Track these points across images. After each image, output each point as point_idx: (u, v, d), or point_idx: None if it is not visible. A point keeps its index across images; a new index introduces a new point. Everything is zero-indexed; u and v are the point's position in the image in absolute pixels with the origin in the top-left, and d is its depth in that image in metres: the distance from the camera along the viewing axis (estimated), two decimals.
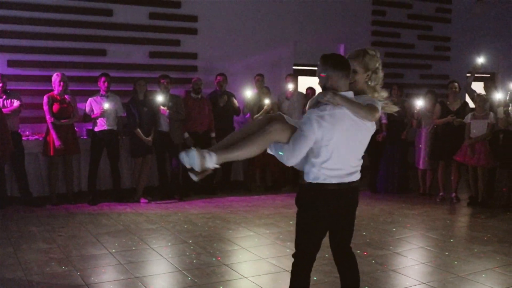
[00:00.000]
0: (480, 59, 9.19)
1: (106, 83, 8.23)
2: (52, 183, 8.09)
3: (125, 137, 8.56)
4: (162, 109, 8.42)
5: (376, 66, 3.60)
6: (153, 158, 8.67)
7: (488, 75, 13.20)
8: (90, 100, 8.27)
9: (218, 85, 9.29)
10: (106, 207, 8.04)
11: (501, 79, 13.40)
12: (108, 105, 8.13)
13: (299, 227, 3.61)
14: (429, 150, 9.01)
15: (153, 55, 9.53)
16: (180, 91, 9.39)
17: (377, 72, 3.61)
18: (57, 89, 7.95)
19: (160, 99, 8.42)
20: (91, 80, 8.68)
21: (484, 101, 8.44)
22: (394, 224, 7.31)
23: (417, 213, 8.00)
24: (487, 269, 5.46)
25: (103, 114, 8.13)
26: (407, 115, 9.22)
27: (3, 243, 6.08)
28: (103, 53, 9.14)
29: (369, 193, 9.36)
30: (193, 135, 8.85)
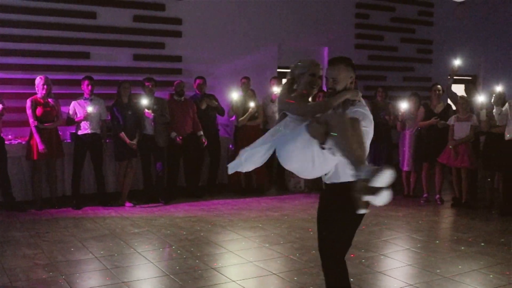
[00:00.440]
0: (457, 61, 9.32)
1: (89, 86, 8.16)
2: (35, 187, 8.00)
3: (109, 140, 8.50)
4: (147, 112, 8.37)
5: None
6: (137, 161, 8.62)
7: (469, 78, 13.34)
8: (73, 103, 8.19)
9: (198, 88, 9.27)
10: (90, 211, 7.97)
11: (482, 81, 13.56)
12: (91, 109, 8.07)
13: (349, 227, 3.78)
14: (413, 152, 9.08)
15: (137, 57, 9.49)
16: (164, 94, 9.33)
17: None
18: (40, 92, 7.86)
19: (145, 102, 8.38)
20: (75, 83, 8.62)
21: (467, 103, 8.53)
22: (379, 226, 7.35)
23: (402, 215, 8.05)
24: (472, 270, 5.51)
25: (87, 117, 8.06)
26: (391, 118, 9.27)
27: None
28: (86, 56, 9.07)
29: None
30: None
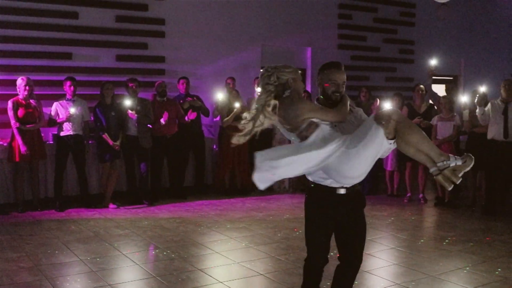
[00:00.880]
0: (433, 61, 9.41)
1: (72, 87, 8.08)
2: (18, 190, 7.89)
3: (92, 142, 8.43)
4: (130, 113, 8.31)
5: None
6: (121, 163, 8.56)
7: (450, 78, 13.49)
8: (55, 104, 8.11)
9: (183, 89, 9.24)
10: (74, 213, 7.89)
11: (464, 82, 13.70)
12: (74, 110, 7.99)
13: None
14: (397, 151, 9.12)
15: (120, 58, 9.42)
16: (148, 95, 9.29)
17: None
18: (22, 93, 7.76)
19: (128, 103, 8.32)
20: (57, 84, 8.52)
21: (450, 103, 8.62)
22: None
23: (386, 214, 8.09)
24: (457, 268, 5.56)
25: (69, 118, 7.98)
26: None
27: None
28: (68, 56, 8.98)
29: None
30: (162, 139, 8.79)
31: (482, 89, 8.16)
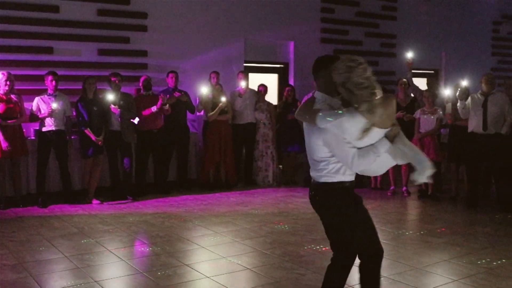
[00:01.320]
0: (409, 54, 9.49)
1: (53, 82, 7.98)
2: None
3: (75, 137, 8.34)
4: (113, 107, 8.24)
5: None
6: (104, 158, 8.48)
7: (431, 72, 13.59)
8: (37, 99, 8.01)
9: (172, 83, 9.17)
10: (57, 209, 7.81)
11: (445, 75, 13.81)
12: (56, 105, 7.90)
13: None
14: None
15: (102, 52, 9.31)
16: (130, 89, 9.22)
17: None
18: (2, 88, 7.65)
19: (110, 97, 8.24)
20: (38, 78, 8.40)
21: (433, 97, 8.69)
22: None
23: (370, 207, 8.05)
24: (443, 260, 5.61)
25: (51, 114, 7.88)
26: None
27: None
28: (50, 50, 8.86)
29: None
30: (148, 133, 8.74)
31: (463, 83, 8.24)
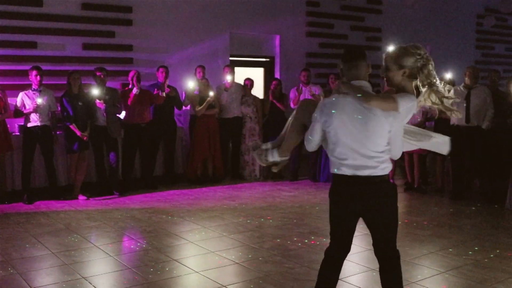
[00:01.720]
0: (390, 48, 9.57)
1: (38, 77, 7.89)
2: None
3: (60, 132, 8.27)
4: (98, 102, 8.17)
5: (416, 64, 3.49)
6: (90, 153, 8.42)
7: None
8: (21, 94, 7.91)
9: (162, 77, 9.12)
10: (43, 205, 7.74)
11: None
12: (41, 100, 7.81)
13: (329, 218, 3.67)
14: None
15: (86, 47, 9.23)
16: (115, 84, 9.16)
17: (422, 70, 3.50)
18: None
19: (96, 92, 8.17)
20: (22, 73, 8.32)
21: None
22: None
23: None
24: (430, 252, 5.65)
25: (37, 109, 7.80)
26: None
27: None
28: (33, 45, 8.77)
29: (309, 182, 9.52)
30: (135, 127, 8.70)
31: (448, 75, 8.30)
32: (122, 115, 8.46)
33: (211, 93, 9.17)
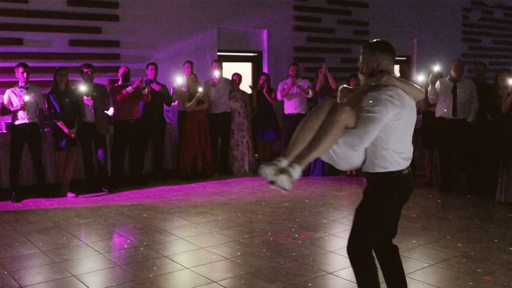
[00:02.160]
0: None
1: (25, 74, 7.82)
2: None
3: (48, 129, 8.22)
4: (86, 99, 8.12)
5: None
6: (78, 150, 8.37)
7: (403, 58, 13.70)
8: (8, 91, 7.84)
9: (151, 74, 9.08)
10: (31, 203, 7.69)
11: (416, 62, 13.95)
12: (28, 97, 7.75)
13: (372, 218, 3.50)
14: None
15: (73, 43, 9.16)
16: (103, 80, 9.10)
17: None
18: None
19: (83, 89, 8.12)
20: (8, 70, 8.24)
21: None
22: (326, 206, 7.47)
23: (347, 194, 8.21)
24: (419, 245, 5.69)
25: (24, 107, 7.74)
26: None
27: None
28: (19, 42, 8.67)
29: (300, 176, 9.49)
30: (124, 123, 8.67)
31: (436, 68, 8.33)
32: (110, 111, 8.41)
33: (200, 89, 9.15)
